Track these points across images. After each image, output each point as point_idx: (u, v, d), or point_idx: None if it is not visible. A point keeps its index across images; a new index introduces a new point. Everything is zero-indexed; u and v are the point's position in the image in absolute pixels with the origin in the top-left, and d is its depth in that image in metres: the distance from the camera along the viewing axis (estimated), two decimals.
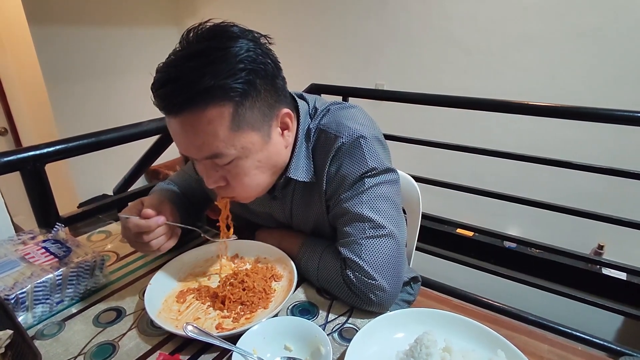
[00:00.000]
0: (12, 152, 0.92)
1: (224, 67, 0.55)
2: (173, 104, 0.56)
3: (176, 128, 0.59)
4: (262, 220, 0.87)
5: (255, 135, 0.61)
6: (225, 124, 0.57)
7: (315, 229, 0.79)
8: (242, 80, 0.56)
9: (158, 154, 1.41)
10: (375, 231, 0.66)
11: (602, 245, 1.95)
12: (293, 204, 0.77)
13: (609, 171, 1.29)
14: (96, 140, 1.08)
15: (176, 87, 0.55)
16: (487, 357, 0.54)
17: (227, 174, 0.64)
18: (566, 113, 1.32)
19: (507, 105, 1.43)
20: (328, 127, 0.70)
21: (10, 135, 2.50)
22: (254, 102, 0.59)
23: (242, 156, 0.61)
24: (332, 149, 0.68)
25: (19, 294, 0.62)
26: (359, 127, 0.68)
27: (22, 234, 0.79)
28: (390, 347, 0.58)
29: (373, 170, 0.68)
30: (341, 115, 0.71)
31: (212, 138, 0.58)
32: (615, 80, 1.76)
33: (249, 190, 0.68)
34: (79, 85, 2.58)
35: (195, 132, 0.57)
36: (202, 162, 0.63)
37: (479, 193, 1.56)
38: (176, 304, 0.68)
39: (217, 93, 0.55)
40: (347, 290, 0.67)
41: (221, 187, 0.66)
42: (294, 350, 0.59)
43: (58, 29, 2.42)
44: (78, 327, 0.64)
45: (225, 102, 0.56)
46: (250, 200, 0.72)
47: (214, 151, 0.59)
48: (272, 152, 0.65)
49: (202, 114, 0.56)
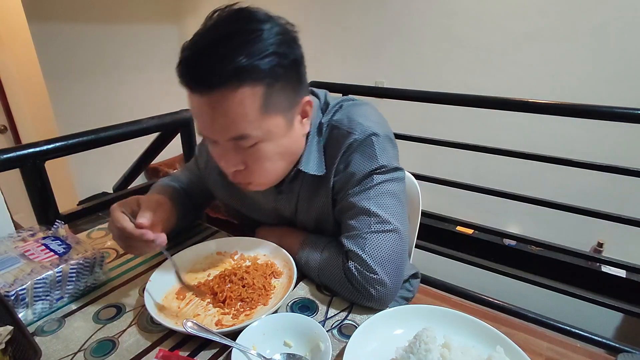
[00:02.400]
0: (11, 149, 0.92)
1: (258, 48, 0.55)
2: (204, 82, 0.55)
3: (203, 107, 0.58)
4: (265, 216, 0.87)
5: (281, 119, 0.62)
6: (255, 106, 0.57)
7: (318, 225, 0.79)
8: (274, 63, 0.56)
9: (158, 151, 1.41)
10: (380, 226, 0.67)
11: (601, 242, 1.95)
12: (299, 198, 0.77)
13: (609, 169, 1.29)
14: (96, 138, 1.08)
15: (209, 65, 0.54)
16: (487, 354, 0.54)
17: (247, 157, 0.63)
18: (567, 110, 1.32)
19: (507, 102, 1.43)
20: (340, 123, 0.71)
21: (9, 133, 2.50)
22: (283, 86, 0.59)
23: (266, 140, 0.61)
24: (343, 145, 0.69)
25: (19, 290, 0.62)
26: (371, 125, 0.69)
27: (22, 231, 0.79)
28: (390, 344, 0.58)
29: (382, 168, 0.68)
30: (354, 112, 0.72)
31: (241, 119, 0.57)
32: (617, 77, 1.76)
33: (266, 176, 0.67)
34: (79, 82, 2.57)
35: (224, 112, 0.57)
36: (224, 145, 0.62)
37: (479, 190, 1.56)
38: (176, 301, 0.68)
39: (250, 74, 0.55)
40: (348, 285, 0.67)
41: (239, 171, 0.65)
42: (293, 347, 0.59)
43: (57, 26, 2.42)
44: (78, 323, 0.64)
45: (258, 84, 0.56)
46: (264, 187, 0.71)
47: (241, 132, 0.59)
48: (293, 138, 0.66)
49: (234, 94, 0.55)
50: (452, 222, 1.72)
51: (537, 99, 1.32)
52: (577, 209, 1.37)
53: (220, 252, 0.82)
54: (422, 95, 1.54)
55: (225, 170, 0.65)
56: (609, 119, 1.23)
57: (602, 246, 1.95)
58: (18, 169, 0.95)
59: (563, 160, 1.36)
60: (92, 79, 2.63)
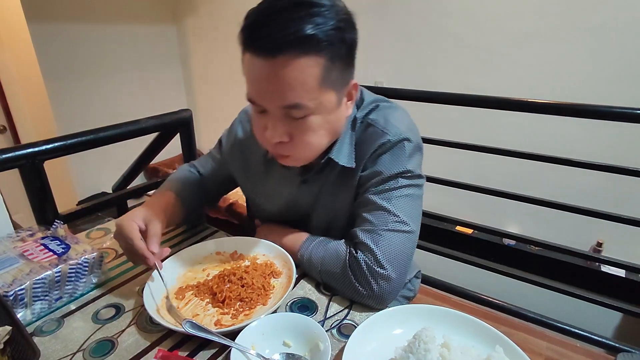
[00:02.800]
0: (10, 149, 0.92)
1: (324, 22, 0.56)
2: (271, 46, 0.56)
3: (264, 72, 0.58)
4: (280, 208, 0.86)
5: (334, 96, 0.63)
6: (315, 76, 0.58)
7: (330, 223, 0.80)
8: (338, 39, 0.58)
9: (157, 151, 1.41)
10: (397, 225, 0.68)
11: (601, 242, 1.95)
12: (322, 190, 0.78)
13: (608, 168, 1.29)
14: (95, 138, 1.08)
15: (278, 30, 0.55)
16: (486, 353, 0.54)
17: (294, 129, 0.64)
18: (566, 110, 1.32)
19: (506, 102, 1.43)
20: (376, 123, 0.72)
21: (9, 133, 2.49)
22: (341, 63, 0.61)
23: (317, 113, 0.62)
24: (376, 143, 0.71)
25: (18, 290, 0.62)
26: (405, 130, 0.71)
27: (21, 231, 0.79)
28: (389, 343, 0.58)
29: (408, 173, 0.70)
30: (390, 114, 0.74)
31: (300, 87, 0.58)
32: (616, 77, 1.76)
33: (308, 150, 0.68)
34: (78, 83, 2.57)
35: (285, 77, 0.57)
36: (274, 113, 0.62)
37: (478, 190, 1.55)
38: (175, 301, 0.68)
39: (316, 44, 0.56)
40: (350, 278, 0.68)
41: (282, 143, 0.65)
42: (292, 347, 0.59)
43: (57, 26, 2.42)
44: (77, 323, 0.64)
45: (321, 55, 0.57)
46: (301, 163, 0.72)
47: (297, 101, 0.59)
48: (338, 117, 0.68)
49: (297, 62, 0.56)
50: (452, 222, 1.72)
51: (537, 99, 1.32)
52: (577, 208, 1.37)
53: (220, 252, 0.82)
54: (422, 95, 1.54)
55: (270, 140, 0.64)
56: (608, 119, 1.23)
57: (602, 246, 1.95)
58: (17, 168, 0.95)
59: (562, 160, 1.35)
60: (92, 79, 2.63)
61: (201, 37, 3.02)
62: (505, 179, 1.86)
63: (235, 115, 0.91)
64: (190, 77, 3.22)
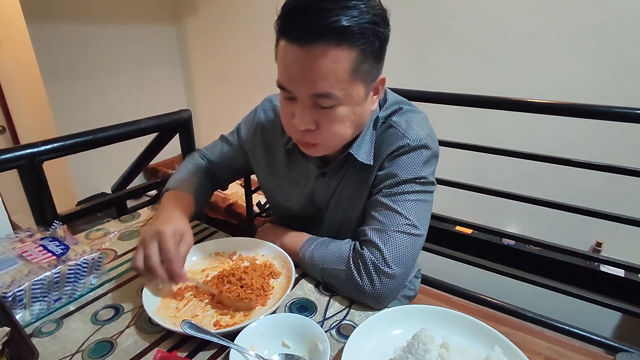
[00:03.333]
0: (9, 150, 0.92)
1: (362, 15, 0.58)
2: (307, 33, 0.58)
3: (298, 59, 0.60)
4: (296, 201, 0.87)
5: (362, 88, 0.64)
6: (347, 67, 0.60)
7: (344, 221, 0.81)
8: (372, 33, 0.60)
9: (156, 152, 1.41)
10: (407, 228, 0.69)
11: (600, 242, 1.95)
12: (339, 185, 0.79)
13: (608, 168, 1.29)
14: (94, 138, 1.08)
15: (315, 19, 0.57)
16: (485, 353, 0.54)
17: (322, 118, 0.65)
18: (565, 110, 1.32)
19: (506, 102, 1.43)
20: (398, 125, 0.74)
21: (8, 133, 2.49)
22: (372, 57, 0.62)
23: (345, 103, 0.64)
24: (395, 145, 0.72)
25: (17, 291, 0.62)
26: (425, 137, 0.73)
27: (20, 232, 0.79)
28: (388, 344, 0.58)
29: (422, 179, 0.72)
30: (412, 118, 0.75)
31: (331, 76, 0.60)
32: (615, 77, 1.76)
33: (334, 139, 0.69)
34: (78, 83, 2.57)
35: (318, 65, 0.59)
36: (303, 101, 0.64)
37: (478, 190, 1.55)
38: (174, 301, 0.68)
39: (351, 36, 0.58)
40: (353, 275, 0.68)
41: (309, 131, 0.67)
42: (292, 347, 0.59)
43: (56, 26, 2.41)
44: (76, 324, 0.64)
45: (355, 47, 0.59)
46: (325, 152, 0.73)
47: (327, 90, 0.61)
48: (364, 110, 0.69)
49: (332, 51, 0.58)
50: (451, 222, 1.71)
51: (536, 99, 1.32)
52: (576, 208, 1.37)
53: (219, 252, 0.82)
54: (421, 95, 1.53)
55: (297, 126, 0.66)
56: (608, 119, 1.23)
57: (601, 246, 1.95)
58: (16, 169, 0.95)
59: (562, 160, 1.35)
60: (91, 79, 2.63)
61: (201, 37, 3.01)
62: (505, 179, 1.86)
63: (234, 115, 0.92)
64: (189, 77, 3.22)
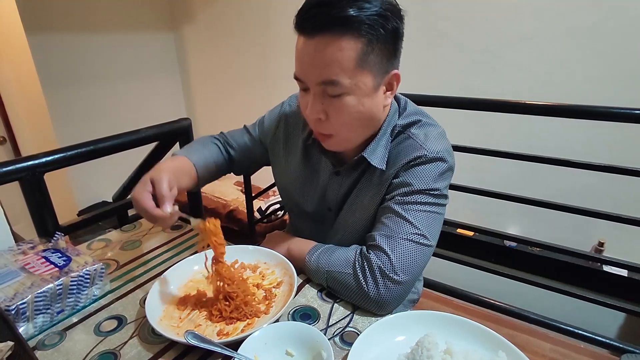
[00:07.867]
0: (10, 162, 0.92)
1: (367, 7, 0.61)
2: (314, 25, 0.63)
3: (308, 49, 0.64)
4: (309, 198, 0.89)
5: (370, 79, 0.66)
6: (352, 57, 0.62)
7: (353, 225, 0.82)
8: (379, 25, 0.62)
9: (157, 160, 1.41)
10: (416, 237, 0.70)
11: (602, 242, 1.95)
12: (353, 186, 0.80)
13: (608, 168, 1.29)
14: (95, 149, 1.08)
15: (323, 11, 0.61)
16: (489, 358, 0.54)
17: (330, 107, 0.67)
18: (564, 111, 1.32)
19: (504, 104, 1.43)
20: (416, 137, 0.75)
21: (8, 144, 2.49)
22: (380, 49, 0.64)
23: (352, 93, 0.66)
24: (411, 155, 0.73)
25: (20, 304, 0.62)
26: (443, 150, 0.74)
27: (22, 244, 0.79)
28: (392, 350, 0.58)
29: (436, 191, 0.73)
30: (431, 131, 0.76)
31: (337, 64, 0.63)
32: (613, 77, 1.76)
33: (344, 131, 0.71)
34: (77, 92, 2.58)
35: (324, 54, 0.63)
36: (314, 90, 0.67)
37: (478, 193, 1.56)
38: (177, 311, 0.68)
39: (357, 25, 0.61)
40: (359, 279, 0.68)
41: (320, 120, 0.70)
42: (295, 356, 0.59)
43: (55, 37, 2.43)
44: (79, 336, 0.64)
45: (359, 38, 0.62)
46: (341, 147, 0.76)
47: (332, 77, 0.64)
48: (374, 103, 0.70)
49: (337, 40, 0.62)
50: (453, 225, 1.71)
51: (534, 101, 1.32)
52: (577, 209, 1.37)
53: None
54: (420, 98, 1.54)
55: (310, 117, 0.70)
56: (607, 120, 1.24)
57: (603, 246, 1.95)
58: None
59: (562, 161, 1.36)
60: (91, 88, 2.64)
61: (199, 44, 3.02)
62: (506, 181, 1.86)
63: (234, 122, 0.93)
64: (189, 85, 3.22)
